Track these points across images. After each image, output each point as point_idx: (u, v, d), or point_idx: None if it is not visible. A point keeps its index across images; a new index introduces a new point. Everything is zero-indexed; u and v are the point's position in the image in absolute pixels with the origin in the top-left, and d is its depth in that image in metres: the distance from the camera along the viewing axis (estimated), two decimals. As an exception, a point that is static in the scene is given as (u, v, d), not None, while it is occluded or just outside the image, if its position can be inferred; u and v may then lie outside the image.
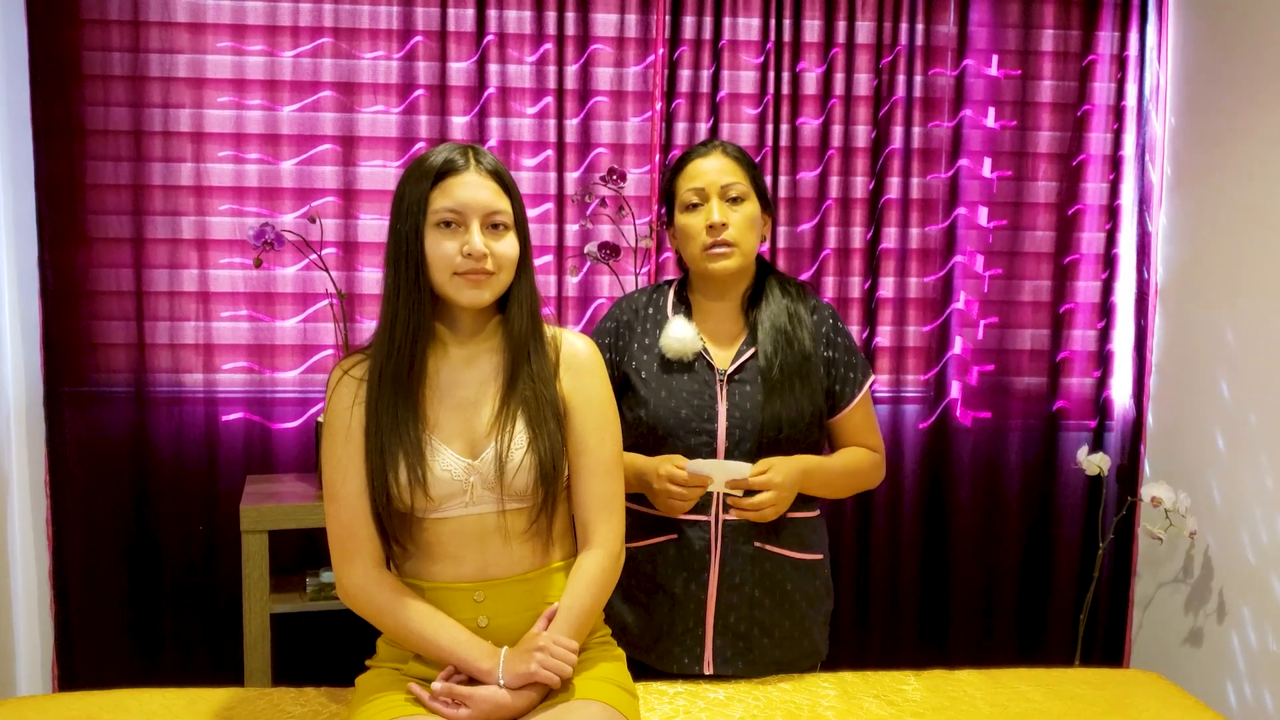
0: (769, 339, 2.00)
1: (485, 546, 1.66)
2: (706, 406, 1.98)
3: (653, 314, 2.08)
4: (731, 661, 2.01)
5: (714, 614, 2.00)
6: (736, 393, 1.98)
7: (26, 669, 2.86)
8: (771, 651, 2.02)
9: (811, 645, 2.08)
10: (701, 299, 2.07)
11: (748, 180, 2.01)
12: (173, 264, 2.86)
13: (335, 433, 1.66)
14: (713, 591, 1.99)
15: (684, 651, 2.01)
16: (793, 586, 2.03)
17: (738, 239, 1.97)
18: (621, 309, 2.11)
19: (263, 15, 2.85)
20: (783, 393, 1.97)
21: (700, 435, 1.97)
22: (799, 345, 2.00)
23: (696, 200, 1.99)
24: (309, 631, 2.90)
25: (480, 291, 1.63)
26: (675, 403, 1.98)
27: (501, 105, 2.96)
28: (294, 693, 1.91)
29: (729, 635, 2.00)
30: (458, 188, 1.62)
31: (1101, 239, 3.19)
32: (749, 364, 2.00)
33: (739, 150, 2.05)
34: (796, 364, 1.99)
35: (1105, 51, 3.13)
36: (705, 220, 1.97)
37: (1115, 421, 3.24)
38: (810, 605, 2.06)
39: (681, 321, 2.02)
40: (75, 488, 2.84)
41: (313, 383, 2.94)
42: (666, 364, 2.01)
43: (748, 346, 2.02)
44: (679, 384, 1.99)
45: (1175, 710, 1.93)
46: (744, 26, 3.03)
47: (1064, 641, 3.25)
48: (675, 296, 2.09)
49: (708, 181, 1.98)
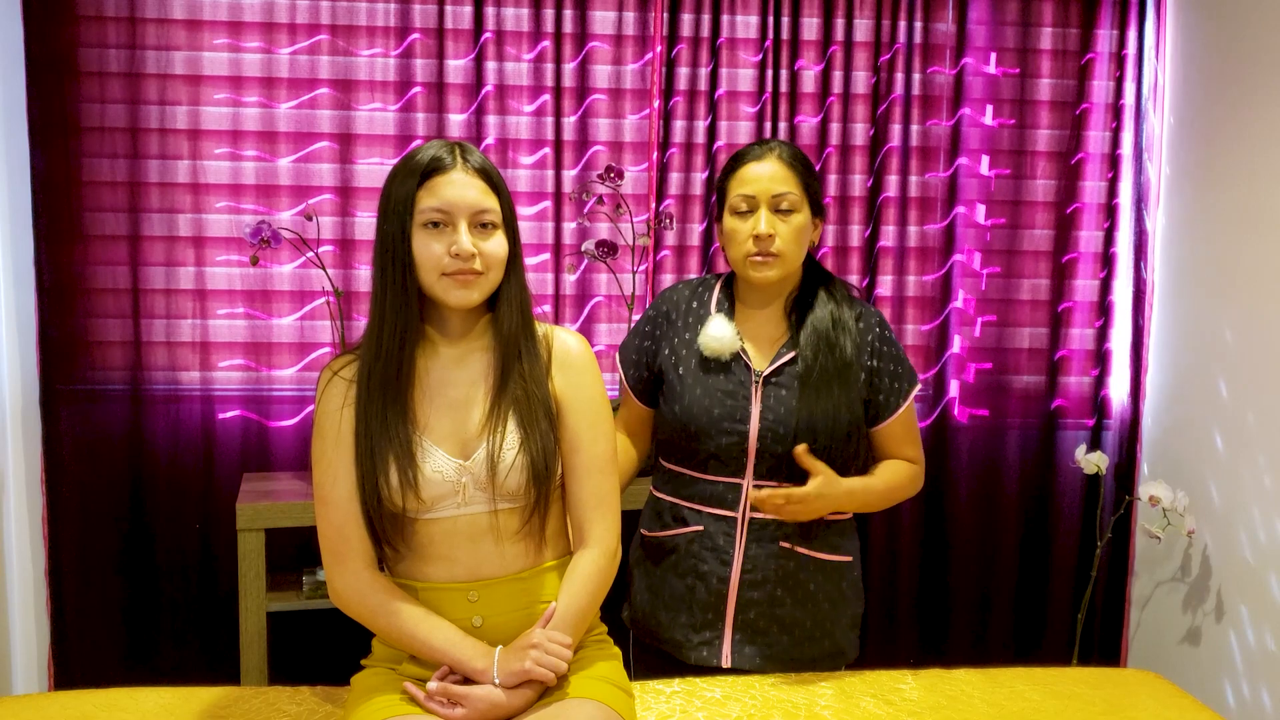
0: (809, 344, 1.98)
1: (478, 547, 1.65)
2: (740, 406, 1.97)
3: (696, 309, 2.07)
4: (749, 657, 2.01)
5: (734, 608, 2.00)
6: (772, 395, 1.97)
7: (22, 668, 2.86)
8: (791, 650, 2.02)
9: (834, 645, 2.07)
10: (746, 299, 2.06)
11: (800, 188, 1.98)
12: (169, 261, 2.85)
13: (325, 435, 1.65)
14: (734, 586, 1.99)
15: (703, 643, 2.01)
16: (816, 587, 2.03)
17: (783, 250, 1.96)
18: (664, 300, 2.11)
19: (260, 12, 2.84)
20: (819, 398, 1.95)
21: (731, 435, 1.96)
22: (840, 351, 1.98)
23: (745, 207, 1.97)
24: (305, 630, 2.90)
25: (469, 292, 1.62)
26: (709, 401, 1.98)
27: (499, 103, 2.95)
28: (289, 691, 1.91)
29: (748, 630, 2.01)
30: (444, 187, 1.60)
31: (1100, 237, 3.18)
32: (787, 367, 1.99)
33: (794, 154, 2.00)
34: (836, 370, 1.97)
35: (1104, 50, 3.13)
36: (752, 229, 1.95)
37: (1113, 420, 3.24)
38: (834, 606, 2.06)
39: (721, 320, 2.01)
40: (71, 485, 2.83)
41: (310, 381, 2.94)
42: (705, 362, 2.00)
43: (787, 349, 2.00)
44: (715, 382, 1.98)
45: (1173, 709, 1.92)
46: (742, 24, 3.03)
47: (1062, 640, 3.25)
48: (721, 293, 2.08)
49: (759, 189, 1.96)
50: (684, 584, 2.02)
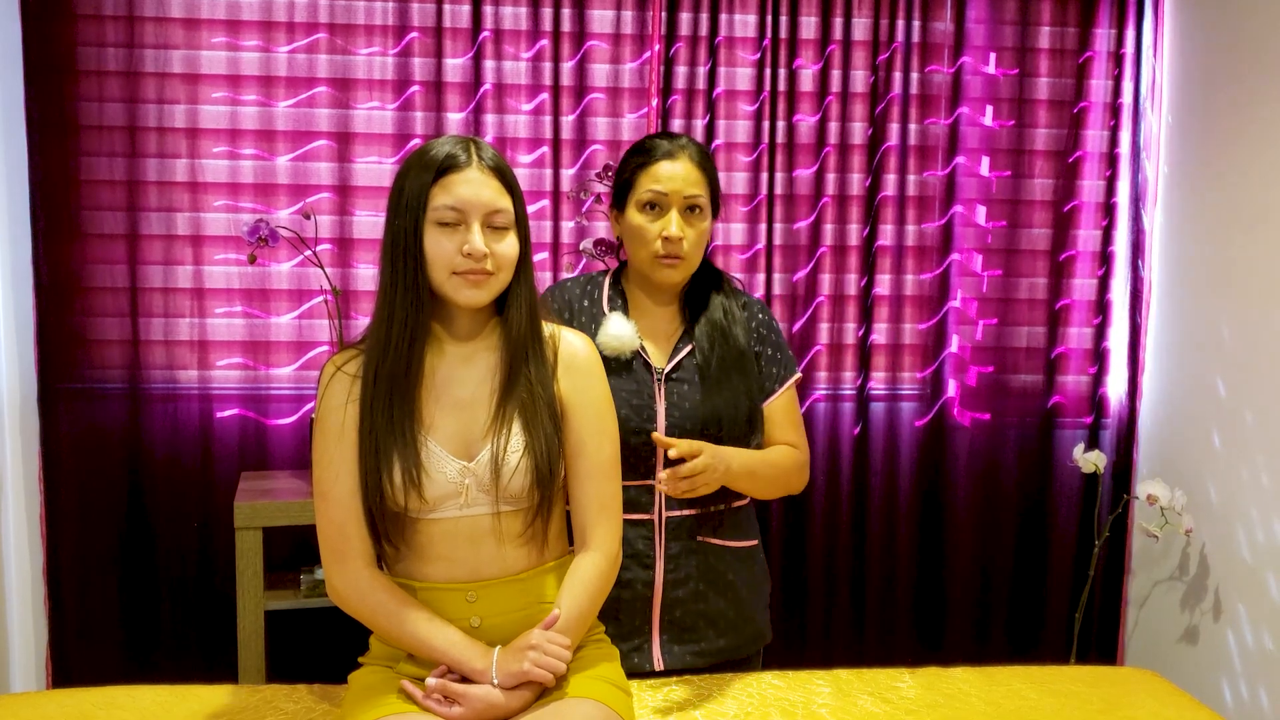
0: (705, 336, 1.99)
1: (479, 548, 1.64)
2: (645, 406, 1.96)
3: (588, 307, 2.03)
4: (679, 656, 2.00)
5: (660, 610, 1.99)
6: (675, 392, 1.97)
7: (20, 666, 2.86)
8: (717, 641, 2.02)
9: (755, 630, 2.09)
10: (640, 295, 2.04)
11: (709, 191, 1.98)
12: (167, 260, 2.85)
13: (328, 431, 1.64)
14: (658, 589, 1.98)
15: (632, 650, 2.00)
16: (734, 575, 2.03)
17: (689, 254, 1.96)
18: (553, 297, 2.06)
19: (258, 10, 2.84)
20: (720, 389, 1.96)
21: (640, 435, 1.94)
22: (734, 341, 1.99)
23: (655, 203, 1.95)
24: (303, 628, 2.90)
25: (479, 292, 1.61)
26: (615, 402, 1.94)
27: (497, 101, 2.95)
28: (287, 690, 1.91)
29: (675, 630, 2.00)
30: (459, 185, 1.59)
31: (1098, 236, 3.18)
32: (686, 361, 1.99)
33: (704, 155, 1.99)
34: (733, 359, 1.98)
35: (1102, 49, 3.13)
36: (662, 229, 1.93)
37: (1111, 419, 3.24)
38: (751, 591, 2.07)
39: (619, 319, 1.98)
40: (69, 484, 2.83)
41: (308, 379, 2.93)
42: (603, 362, 1.97)
43: (684, 344, 2.00)
44: (617, 384, 1.94)
45: (1170, 708, 1.92)
46: (740, 23, 3.02)
47: (1059, 639, 3.25)
48: (611, 290, 2.05)
49: (672, 189, 1.94)
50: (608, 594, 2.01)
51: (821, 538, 3.16)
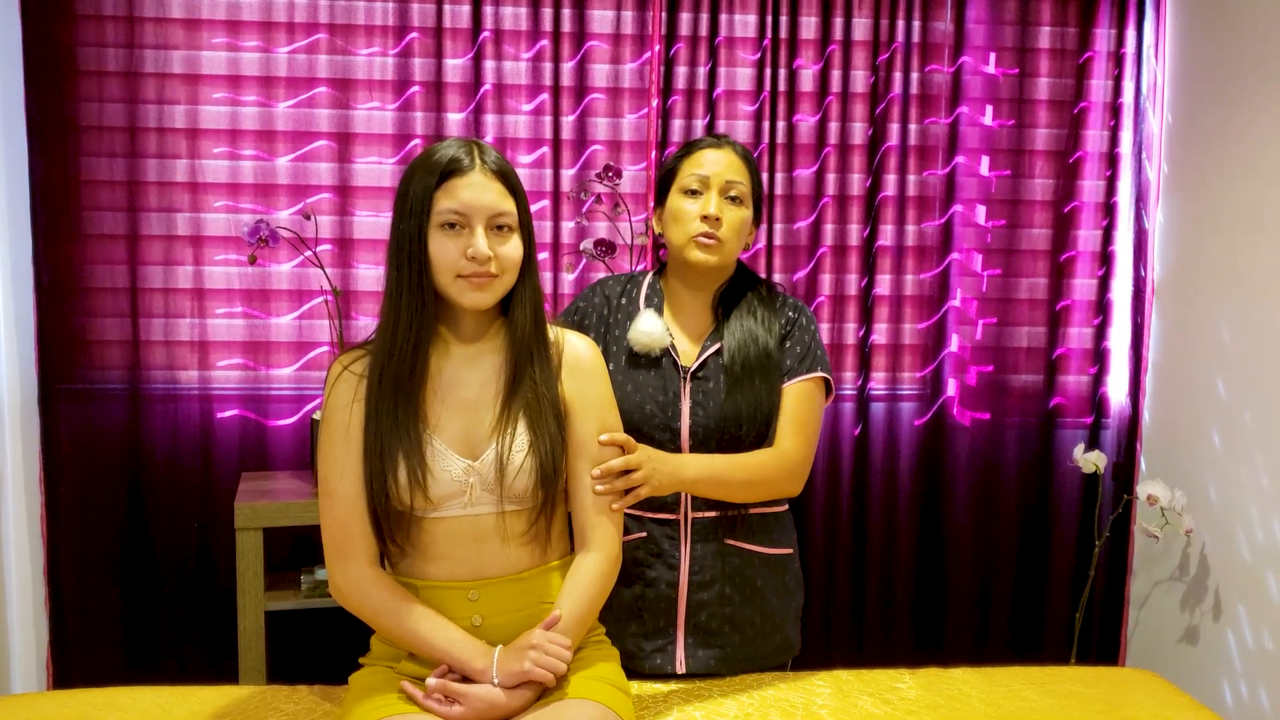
0: (734, 336, 1.99)
1: (482, 547, 1.65)
2: (670, 404, 1.97)
3: (625, 304, 2.06)
4: (703, 660, 2.00)
5: (685, 613, 1.99)
6: (700, 390, 1.98)
7: (21, 667, 2.86)
8: (744, 648, 2.02)
9: (784, 640, 2.08)
10: (677, 288, 2.05)
11: (750, 185, 2.01)
12: (167, 261, 2.85)
13: (333, 430, 1.65)
14: (683, 590, 1.99)
15: (656, 651, 2.00)
16: (763, 582, 2.03)
17: (726, 237, 1.97)
18: (594, 293, 2.09)
19: (258, 11, 2.84)
20: (742, 390, 1.96)
21: (665, 432, 1.96)
22: (762, 343, 1.99)
23: (697, 187, 1.98)
24: (303, 629, 2.90)
25: (483, 294, 1.62)
26: (640, 398, 1.97)
27: (497, 102, 2.95)
28: (287, 690, 1.91)
29: (700, 634, 2.00)
30: (463, 189, 1.59)
31: (1098, 236, 3.18)
32: (712, 360, 2.00)
33: (748, 154, 2.04)
34: (759, 361, 1.98)
35: (1102, 49, 3.13)
36: (701, 209, 1.96)
37: (1111, 419, 3.24)
38: (780, 600, 2.06)
39: (651, 315, 2.00)
40: (70, 485, 2.83)
41: (308, 380, 2.93)
42: (634, 357, 2.00)
43: (712, 343, 2.01)
44: (645, 379, 1.98)
45: (1171, 709, 1.92)
46: (740, 23, 3.02)
47: (1059, 639, 3.25)
48: (650, 288, 2.07)
49: (713, 172, 1.97)
50: (631, 593, 2.00)
51: (822, 538, 3.16)
